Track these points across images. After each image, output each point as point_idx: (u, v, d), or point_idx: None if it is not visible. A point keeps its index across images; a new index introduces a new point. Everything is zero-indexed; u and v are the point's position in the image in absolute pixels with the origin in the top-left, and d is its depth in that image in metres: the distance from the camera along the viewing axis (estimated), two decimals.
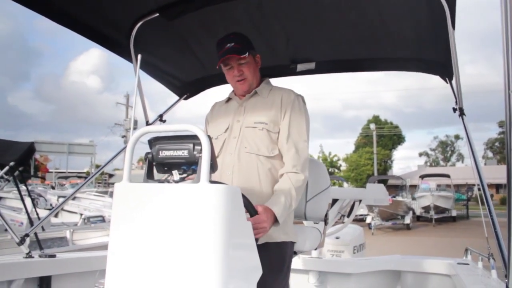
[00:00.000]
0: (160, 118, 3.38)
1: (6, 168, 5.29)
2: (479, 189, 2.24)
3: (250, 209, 1.79)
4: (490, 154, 58.21)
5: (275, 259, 2.11)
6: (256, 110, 2.26)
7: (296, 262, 2.85)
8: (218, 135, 2.27)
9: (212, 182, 1.46)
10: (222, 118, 2.33)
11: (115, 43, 2.90)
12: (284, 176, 2.10)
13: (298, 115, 2.23)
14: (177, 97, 3.59)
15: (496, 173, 23.37)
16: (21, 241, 2.67)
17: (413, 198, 22.38)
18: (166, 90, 3.51)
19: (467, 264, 3.11)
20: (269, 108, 2.24)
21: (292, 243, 2.22)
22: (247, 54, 2.21)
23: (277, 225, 1.96)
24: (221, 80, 3.38)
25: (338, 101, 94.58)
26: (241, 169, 2.13)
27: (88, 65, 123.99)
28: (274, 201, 1.99)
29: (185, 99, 3.60)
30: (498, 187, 40.98)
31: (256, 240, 1.70)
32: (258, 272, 1.62)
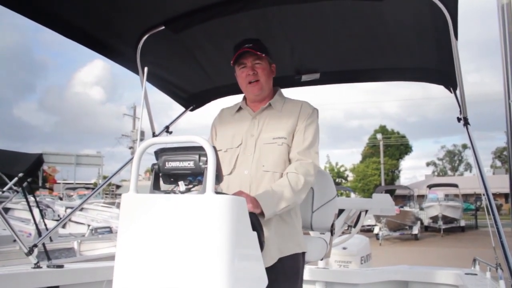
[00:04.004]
0: (167, 129, 3.41)
1: (15, 179, 5.35)
2: (485, 199, 2.25)
3: (255, 223, 1.73)
4: (498, 163, 57.74)
5: (290, 271, 2.11)
6: (273, 124, 2.22)
7: None
8: (228, 148, 2.23)
9: (217, 193, 1.48)
10: (234, 130, 2.29)
11: (122, 55, 2.94)
12: (284, 176, 2.09)
13: (312, 127, 2.22)
14: (182, 108, 3.62)
15: (505, 183, 23.03)
16: (30, 252, 2.70)
17: (421, 208, 22.22)
18: (168, 100, 3.54)
19: (475, 274, 3.09)
20: (285, 121, 2.21)
21: (304, 254, 2.22)
22: (264, 55, 2.22)
23: (262, 218, 1.91)
24: (227, 92, 3.42)
25: (340, 111, 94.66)
26: (258, 188, 2.09)
27: (92, 76, 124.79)
28: (260, 195, 1.96)
29: (191, 110, 3.63)
30: (507, 196, 40.55)
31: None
32: (263, 283, 1.63)
